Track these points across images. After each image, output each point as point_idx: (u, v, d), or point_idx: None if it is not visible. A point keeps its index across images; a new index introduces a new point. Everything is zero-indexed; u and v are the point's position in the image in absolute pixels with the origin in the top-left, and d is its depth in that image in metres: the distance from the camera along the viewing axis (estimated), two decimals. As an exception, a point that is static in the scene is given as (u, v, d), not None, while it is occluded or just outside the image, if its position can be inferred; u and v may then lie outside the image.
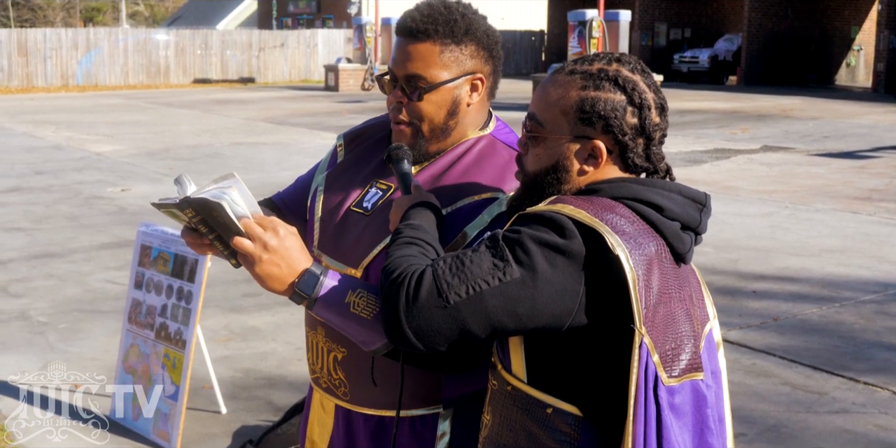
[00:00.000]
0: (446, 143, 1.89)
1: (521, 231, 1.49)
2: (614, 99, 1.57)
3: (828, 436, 4.09)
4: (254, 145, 13.97)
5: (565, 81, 1.61)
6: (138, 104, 21.78)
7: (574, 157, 1.59)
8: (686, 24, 32.52)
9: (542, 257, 1.46)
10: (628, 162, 1.60)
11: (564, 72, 1.63)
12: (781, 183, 10.58)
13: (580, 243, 1.47)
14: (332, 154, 2.07)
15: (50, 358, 5.00)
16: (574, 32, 19.50)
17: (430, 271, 1.48)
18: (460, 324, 1.46)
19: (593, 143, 1.58)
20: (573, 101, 1.58)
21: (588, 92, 1.57)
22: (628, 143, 1.58)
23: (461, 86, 1.84)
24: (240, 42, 30.82)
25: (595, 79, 1.58)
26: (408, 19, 1.83)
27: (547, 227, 1.48)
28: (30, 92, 26.27)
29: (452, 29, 1.81)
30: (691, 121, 17.36)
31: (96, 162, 12.40)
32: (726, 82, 29.84)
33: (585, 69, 1.61)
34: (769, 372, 4.83)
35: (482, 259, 1.48)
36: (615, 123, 1.56)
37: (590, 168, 1.59)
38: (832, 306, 5.95)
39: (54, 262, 7.10)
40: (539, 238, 1.47)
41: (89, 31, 29.53)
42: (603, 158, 1.58)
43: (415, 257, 1.55)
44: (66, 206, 9.30)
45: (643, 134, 1.59)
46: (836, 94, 24.81)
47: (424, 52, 1.81)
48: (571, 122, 1.58)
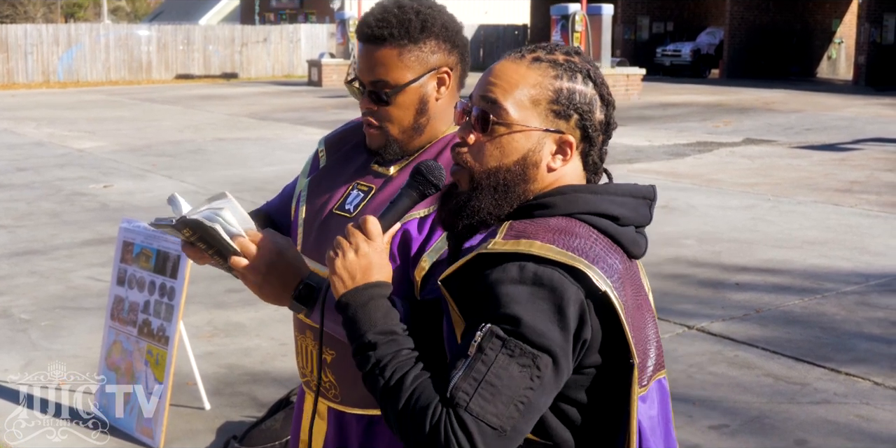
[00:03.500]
0: (422, 140, 1.89)
1: (520, 317, 1.33)
2: (587, 92, 1.48)
3: (810, 426, 4.12)
4: (237, 141, 13.92)
5: (533, 68, 1.48)
6: (120, 100, 21.66)
7: (544, 152, 1.48)
8: (668, 18, 32.58)
9: (555, 331, 1.34)
10: (588, 160, 1.52)
11: (526, 59, 1.49)
12: (763, 175, 10.62)
13: (576, 292, 1.36)
14: (313, 159, 2.08)
15: (33, 355, 4.98)
16: (557, 26, 19.51)
17: (467, 415, 1.30)
18: (522, 433, 1.36)
19: (565, 137, 1.48)
20: (547, 90, 1.46)
21: (562, 82, 1.47)
22: (594, 140, 1.50)
23: (427, 83, 1.85)
24: (222, 37, 30.69)
25: (567, 69, 1.48)
26: (363, 25, 1.84)
27: (540, 292, 1.35)
28: (11, 88, 26.09)
29: (408, 29, 1.82)
30: (674, 114, 17.41)
31: (78, 158, 12.33)
32: (708, 75, 29.92)
33: (552, 58, 1.49)
34: (752, 363, 4.86)
35: (507, 369, 1.32)
36: (588, 118, 1.48)
37: (557, 165, 1.48)
38: (814, 298, 5.99)
39: (36, 259, 7.06)
40: (541, 313, 1.34)
41: (70, 26, 29.36)
42: (572, 155, 1.48)
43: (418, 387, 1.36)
44: (47, 203, 9.25)
45: (605, 131, 1.52)
46: (817, 87, 24.93)
47: (385, 57, 1.82)
48: (543, 114, 1.46)
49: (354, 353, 1.43)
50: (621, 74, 20.11)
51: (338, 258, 1.47)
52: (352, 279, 1.46)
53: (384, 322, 1.42)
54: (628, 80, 20.21)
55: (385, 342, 1.40)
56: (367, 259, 1.46)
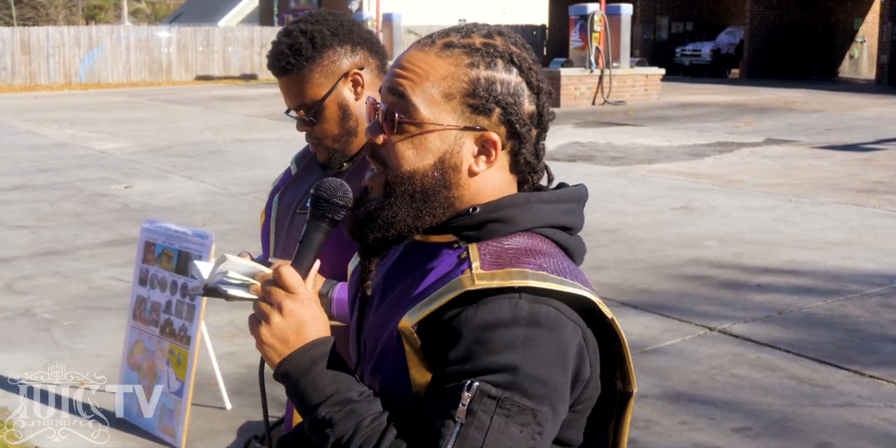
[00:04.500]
0: (360, 140, 1.98)
1: (517, 366, 1.16)
2: (511, 80, 1.27)
3: (833, 429, 4.08)
4: (256, 142, 13.96)
5: (444, 56, 1.27)
6: (141, 101, 21.78)
7: (464, 154, 1.28)
8: (688, 18, 32.45)
9: (556, 376, 1.20)
10: (519, 159, 1.31)
11: (437, 45, 1.28)
12: (785, 176, 10.56)
13: (573, 328, 1.22)
14: (284, 174, 2.25)
15: (55, 355, 5.01)
16: (575, 27, 19.46)
17: None
18: None
19: (487, 135, 1.27)
20: (461, 81, 1.26)
21: (479, 70, 1.26)
22: (524, 136, 1.29)
23: (340, 90, 1.95)
24: (241, 39, 30.81)
25: (484, 55, 1.27)
26: (269, 62, 1.97)
27: (537, 332, 1.18)
28: (33, 90, 26.28)
29: (300, 52, 1.92)
30: (694, 114, 17.33)
31: (100, 159, 12.40)
32: (728, 75, 29.78)
33: (466, 42, 1.28)
34: (774, 365, 4.82)
35: (505, 433, 1.15)
36: (514, 111, 1.27)
37: (481, 168, 1.28)
38: (837, 299, 5.94)
39: (59, 260, 7.11)
40: (539, 358, 1.18)
41: (92, 28, 29.56)
42: (497, 155, 1.28)
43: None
44: (70, 204, 9.31)
45: (539, 124, 1.31)
46: (839, 87, 24.76)
47: (294, 84, 1.95)
48: (459, 109, 1.27)
49: (309, 430, 1.24)
50: (640, 74, 20.03)
51: (262, 326, 1.25)
52: (285, 345, 1.24)
53: (335, 388, 1.22)
54: (647, 80, 20.13)
55: (342, 416, 1.20)
56: (295, 317, 1.25)
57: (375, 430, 1.20)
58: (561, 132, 14.69)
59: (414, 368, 1.23)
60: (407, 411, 1.23)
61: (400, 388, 1.26)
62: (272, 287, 1.27)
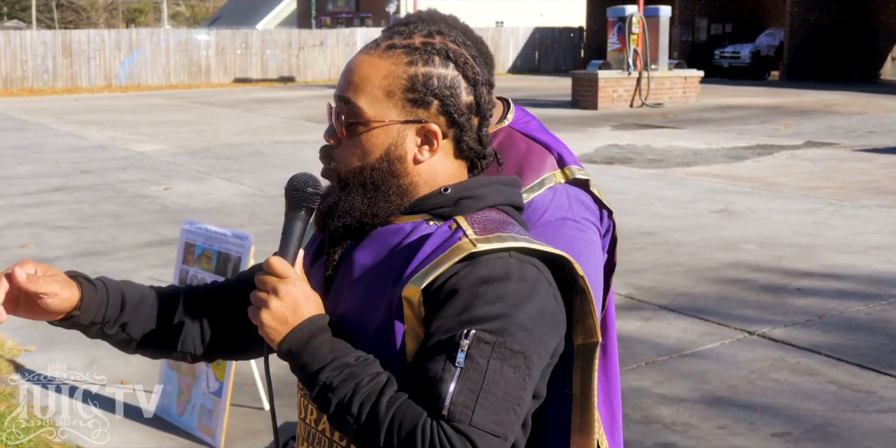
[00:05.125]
0: None
1: (509, 314, 1.29)
2: (447, 74, 1.40)
3: (876, 435, 4.03)
4: (294, 144, 14.05)
5: (385, 57, 1.40)
6: (180, 104, 21.99)
7: (407, 145, 1.40)
8: (727, 19, 32.20)
9: (541, 326, 1.32)
10: (462, 146, 1.43)
11: (380, 47, 1.42)
12: (825, 179, 10.44)
13: (548, 286, 1.35)
14: None
15: (96, 355, 5.06)
16: (613, 28, 19.38)
17: (472, 429, 1.24)
18: (515, 433, 1.33)
19: (427, 126, 1.40)
20: (401, 78, 1.39)
21: (417, 67, 1.39)
22: (464, 125, 1.41)
23: None
24: (279, 41, 31.01)
25: (422, 53, 1.39)
26: None
27: (523, 287, 1.31)
28: (74, 92, 26.62)
29: None
30: (733, 117, 17.19)
31: (139, 161, 12.54)
32: (768, 78, 29.50)
33: (407, 43, 1.40)
34: (815, 370, 4.77)
35: (502, 374, 1.27)
36: (451, 102, 1.39)
37: (425, 156, 1.40)
38: (879, 304, 5.87)
39: (99, 260, 7.19)
40: (526, 309, 1.30)
41: (132, 31, 29.90)
42: (438, 144, 1.40)
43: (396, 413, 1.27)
44: (110, 205, 9.42)
45: (478, 113, 1.43)
46: (881, 89, 24.45)
47: None
48: (400, 104, 1.39)
49: (314, 398, 1.32)
50: (679, 77, 19.91)
51: (262, 311, 1.35)
52: (284, 324, 1.35)
53: (333, 356, 1.32)
54: (686, 82, 20.00)
55: (341, 379, 1.29)
56: (290, 298, 1.35)
57: (374, 388, 1.28)
58: (598, 135, 14.63)
59: (409, 335, 1.33)
60: (401, 377, 1.33)
61: (389, 359, 1.34)
62: (264, 276, 1.37)
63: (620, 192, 9.57)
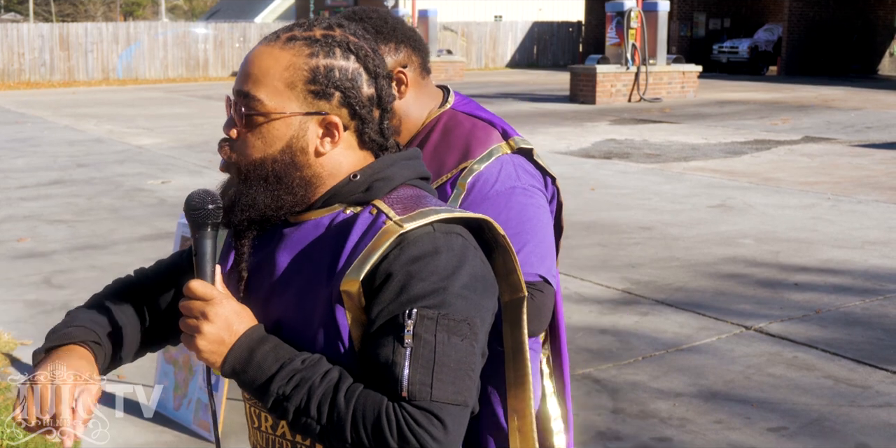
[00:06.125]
0: (402, 139, 2.04)
1: (445, 287, 1.31)
2: (348, 67, 1.39)
3: (871, 430, 4.04)
4: (292, 138, 14.03)
5: (286, 49, 1.39)
6: (178, 97, 21.97)
7: (309, 137, 1.39)
8: (725, 14, 32.18)
9: (476, 291, 1.35)
10: (364, 138, 1.43)
11: (280, 39, 1.40)
12: (823, 174, 10.44)
13: (474, 249, 1.38)
14: None
15: (93, 348, 5.06)
16: (612, 23, 19.36)
17: (435, 404, 1.26)
18: (474, 398, 1.35)
19: (329, 118, 1.39)
20: (302, 70, 1.38)
21: (318, 59, 1.38)
22: (366, 117, 1.42)
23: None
24: (277, 35, 30.93)
25: (323, 45, 1.39)
26: None
27: (452, 258, 1.33)
28: (71, 86, 26.58)
29: None
30: (731, 112, 17.19)
31: (137, 155, 12.52)
32: (766, 73, 29.50)
33: (308, 35, 1.40)
34: (811, 365, 4.78)
35: (450, 345, 1.29)
36: (352, 94, 1.39)
37: (327, 148, 1.40)
38: (876, 299, 5.87)
39: (96, 254, 7.19)
40: (459, 278, 1.33)
41: (129, 25, 29.82)
42: (340, 136, 1.40)
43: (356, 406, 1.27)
44: (107, 199, 9.41)
45: (380, 105, 1.43)
46: (879, 84, 24.44)
47: None
48: (301, 96, 1.38)
49: (270, 409, 1.32)
50: (677, 71, 19.89)
51: (195, 338, 1.34)
52: (222, 345, 1.33)
53: (279, 365, 1.31)
54: (684, 77, 19.99)
55: (293, 385, 1.29)
56: (220, 318, 1.33)
57: (328, 386, 1.29)
58: (596, 129, 14.63)
59: (354, 326, 1.34)
60: (354, 370, 1.33)
61: (340, 354, 1.35)
62: (188, 302, 1.35)
63: (618, 187, 9.57)
